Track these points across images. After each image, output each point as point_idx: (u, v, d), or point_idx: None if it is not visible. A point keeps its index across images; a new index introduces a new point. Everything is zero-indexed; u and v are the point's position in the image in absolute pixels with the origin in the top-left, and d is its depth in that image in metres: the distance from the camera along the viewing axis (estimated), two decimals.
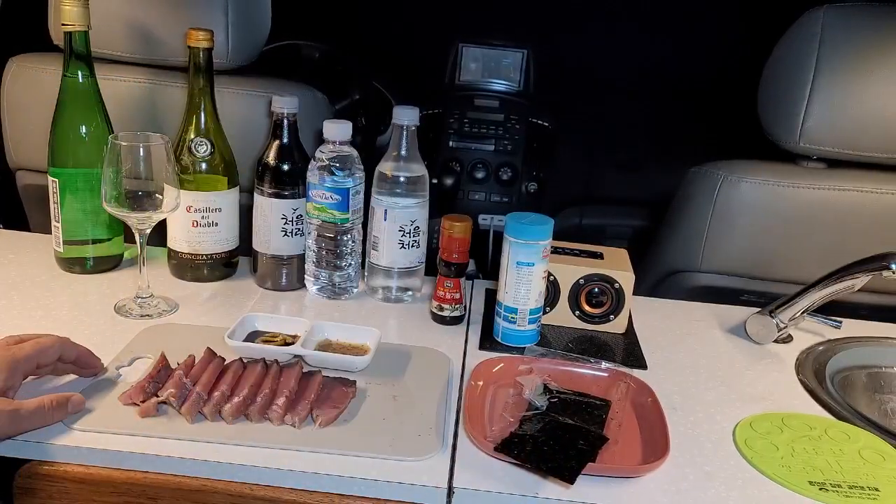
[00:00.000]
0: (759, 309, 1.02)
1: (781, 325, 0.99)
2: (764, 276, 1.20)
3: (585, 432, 0.73)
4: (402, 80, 2.25)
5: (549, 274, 0.98)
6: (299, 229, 1.05)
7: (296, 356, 0.85)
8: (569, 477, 0.66)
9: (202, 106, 1.03)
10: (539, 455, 0.69)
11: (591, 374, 0.87)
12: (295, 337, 0.89)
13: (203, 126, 1.03)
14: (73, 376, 0.79)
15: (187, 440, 0.71)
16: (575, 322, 1.01)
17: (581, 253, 1.03)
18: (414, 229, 1.03)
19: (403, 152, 1.01)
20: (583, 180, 2.33)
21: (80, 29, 0.99)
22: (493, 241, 1.93)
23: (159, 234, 1.04)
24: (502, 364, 0.87)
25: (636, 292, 1.04)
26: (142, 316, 0.94)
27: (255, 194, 1.04)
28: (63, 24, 0.98)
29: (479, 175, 2.02)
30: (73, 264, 1.06)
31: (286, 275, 1.06)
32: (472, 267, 1.84)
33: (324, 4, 2.40)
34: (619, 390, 0.84)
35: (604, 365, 0.87)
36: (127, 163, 0.89)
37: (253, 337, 0.90)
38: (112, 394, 0.76)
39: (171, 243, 1.06)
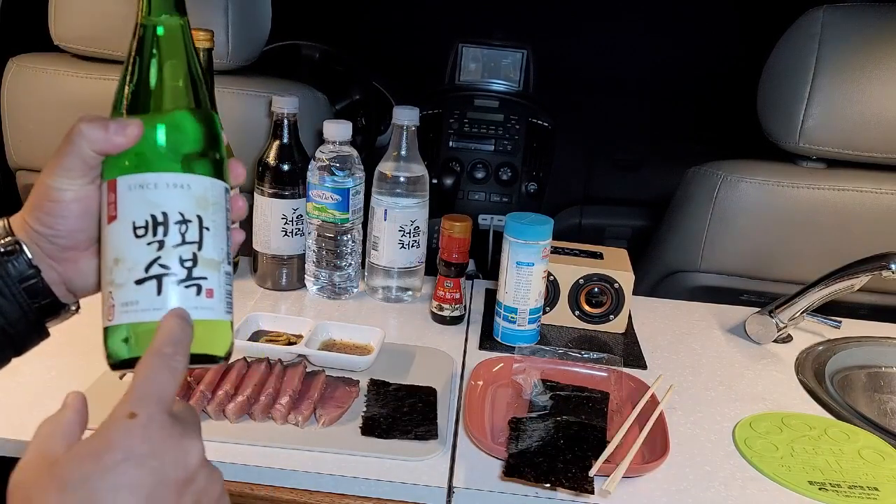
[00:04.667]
0: (758, 309, 1.02)
1: (781, 325, 0.99)
2: (764, 276, 1.20)
3: (592, 429, 0.73)
4: (402, 80, 2.25)
5: (549, 274, 0.98)
6: (299, 229, 1.05)
7: (299, 355, 0.85)
8: (590, 488, 0.65)
9: None
10: (552, 468, 0.67)
11: (587, 373, 0.87)
12: (299, 336, 0.89)
13: None
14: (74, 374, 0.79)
15: None
16: (575, 322, 1.02)
17: (581, 253, 1.04)
18: (414, 229, 1.03)
19: (403, 152, 1.02)
20: (583, 180, 2.33)
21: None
22: (493, 241, 1.93)
23: None
24: (502, 364, 0.87)
25: (636, 292, 1.04)
26: None
27: (255, 194, 1.04)
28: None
29: (479, 175, 2.02)
30: None
31: (286, 275, 1.06)
32: (472, 267, 1.85)
33: (324, 4, 2.40)
34: (613, 380, 0.84)
35: (594, 356, 0.88)
36: None
37: (257, 336, 0.90)
38: (115, 393, 0.76)
39: None
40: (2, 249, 0.50)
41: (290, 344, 0.88)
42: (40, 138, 1.25)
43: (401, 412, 0.76)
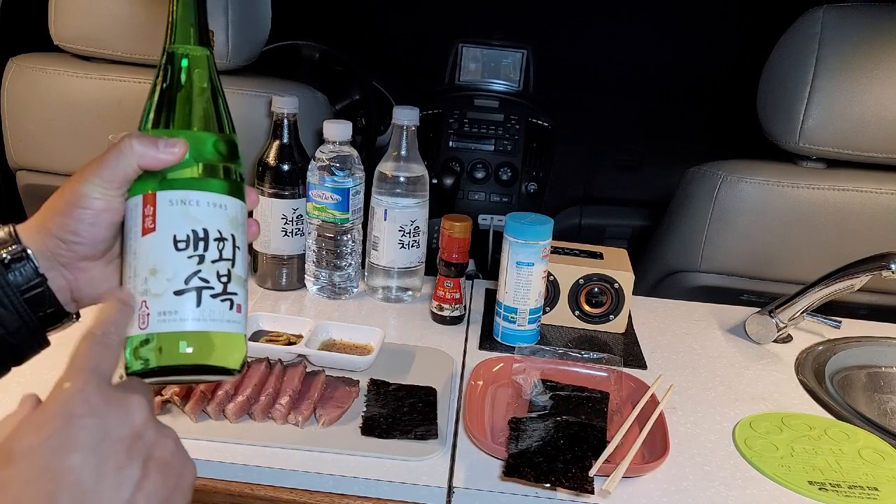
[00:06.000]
0: (758, 309, 1.02)
1: (781, 325, 0.99)
2: (764, 276, 1.20)
3: (592, 429, 0.73)
4: (402, 80, 2.25)
5: (549, 274, 0.98)
6: (299, 229, 1.05)
7: (300, 355, 0.85)
8: (590, 488, 0.65)
9: None
10: (552, 468, 0.67)
11: (587, 373, 0.87)
12: (299, 336, 0.89)
13: None
14: None
15: (190, 439, 0.71)
16: (575, 322, 1.02)
17: (581, 253, 1.04)
18: (414, 229, 1.03)
19: (403, 152, 1.02)
20: (583, 180, 2.33)
21: None
22: (493, 241, 1.93)
23: None
24: (502, 364, 0.87)
25: (636, 292, 1.04)
26: None
27: None
28: None
29: (479, 175, 2.02)
30: None
31: (286, 275, 1.06)
32: (472, 267, 1.85)
33: (324, 4, 2.40)
34: (613, 380, 0.84)
35: (594, 356, 0.88)
36: None
37: (257, 336, 0.90)
38: None
39: None
40: (7, 257, 0.50)
41: (290, 344, 0.88)
42: (40, 138, 1.25)
43: (401, 412, 0.76)
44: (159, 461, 0.43)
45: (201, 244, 0.49)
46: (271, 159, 1.02)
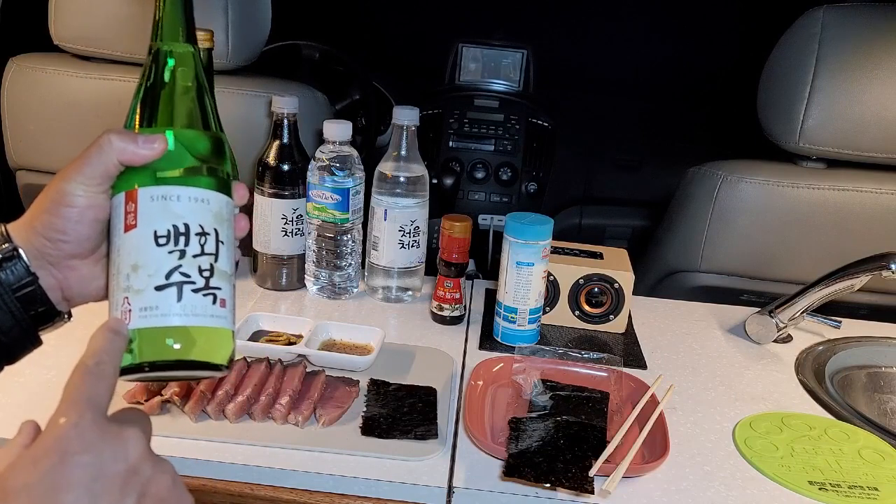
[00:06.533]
0: (758, 309, 1.02)
1: (781, 325, 0.99)
2: (764, 276, 1.20)
3: (592, 429, 0.73)
4: (402, 80, 2.26)
5: (549, 274, 0.98)
6: (299, 229, 1.05)
7: (299, 355, 0.85)
8: (590, 488, 0.65)
9: None
10: (552, 468, 0.67)
11: (587, 373, 0.87)
12: (299, 336, 0.89)
13: None
14: None
15: (190, 439, 0.71)
16: (575, 322, 1.02)
17: (581, 253, 1.04)
18: (414, 229, 1.03)
19: (403, 152, 1.02)
20: (583, 180, 2.33)
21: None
22: (493, 241, 1.93)
23: None
24: (502, 364, 0.87)
25: (636, 292, 1.04)
26: None
27: (255, 194, 1.04)
28: None
29: (479, 175, 2.02)
30: None
31: (286, 275, 1.06)
32: (472, 267, 1.85)
33: (324, 4, 2.40)
34: (613, 380, 0.84)
35: (594, 356, 0.88)
36: None
37: (257, 336, 0.90)
38: (116, 392, 0.76)
39: None
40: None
41: (290, 344, 0.88)
42: (40, 138, 1.25)
43: (401, 412, 0.76)
44: (155, 497, 0.42)
45: (182, 239, 0.48)
46: (271, 159, 1.02)
